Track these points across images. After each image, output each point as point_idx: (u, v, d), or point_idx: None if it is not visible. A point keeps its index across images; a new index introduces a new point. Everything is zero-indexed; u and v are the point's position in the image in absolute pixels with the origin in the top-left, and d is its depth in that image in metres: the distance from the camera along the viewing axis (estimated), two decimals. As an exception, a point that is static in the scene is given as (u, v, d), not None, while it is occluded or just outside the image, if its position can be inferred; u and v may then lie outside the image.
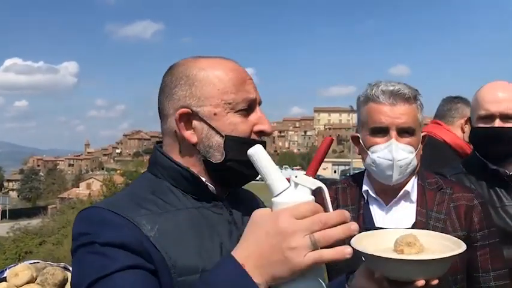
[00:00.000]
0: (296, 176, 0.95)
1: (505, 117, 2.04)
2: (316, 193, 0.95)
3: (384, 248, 1.23)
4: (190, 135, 1.20)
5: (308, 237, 0.85)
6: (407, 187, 1.82)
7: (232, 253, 0.90)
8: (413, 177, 1.84)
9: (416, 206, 1.80)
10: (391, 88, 1.75)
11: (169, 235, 1.08)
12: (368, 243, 1.24)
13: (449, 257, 1.11)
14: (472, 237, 1.75)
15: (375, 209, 1.85)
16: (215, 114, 1.19)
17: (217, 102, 1.19)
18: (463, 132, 3.14)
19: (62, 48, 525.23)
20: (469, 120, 3.10)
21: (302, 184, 0.94)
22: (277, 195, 0.93)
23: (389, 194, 1.83)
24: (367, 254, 1.14)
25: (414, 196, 1.81)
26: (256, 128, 1.24)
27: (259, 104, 1.28)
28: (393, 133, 1.74)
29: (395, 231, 1.33)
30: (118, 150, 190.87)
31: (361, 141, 1.85)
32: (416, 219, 1.75)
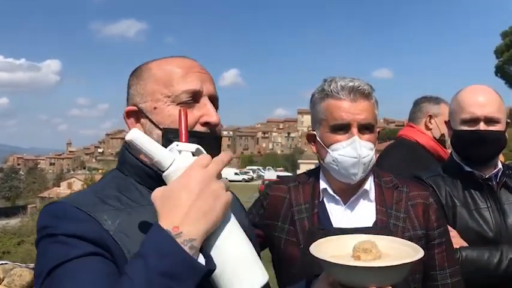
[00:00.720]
0: (177, 145, 1.05)
1: (489, 120, 2.04)
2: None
3: (344, 254, 1.23)
4: None
5: (221, 180, 1.02)
6: (366, 186, 1.78)
7: (160, 222, 0.95)
8: (370, 175, 1.81)
9: (376, 205, 1.76)
10: (351, 84, 1.70)
11: (130, 230, 1.10)
12: (328, 247, 1.25)
13: (401, 264, 1.09)
14: (430, 236, 1.74)
15: (332, 208, 1.79)
16: (155, 108, 1.22)
17: (157, 96, 1.23)
18: (429, 130, 3.19)
19: (44, 46, 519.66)
20: (432, 117, 3.14)
21: (185, 149, 1.05)
22: (169, 166, 1.02)
23: (347, 192, 1.76)
24: (321, 259, 1.15)
25: (372, 195, 1.77)
26: (202, 119, 1.23)
27: (212, 97, 1.28)
28: (355, 130, 1.69)
29: (356, 236, 1.32)
30: (100, 150, 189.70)
31: (318, 139, 1.79)
32: (376, 218, 1.71)
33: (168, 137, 1.20)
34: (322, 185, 1.81)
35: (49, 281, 0.97)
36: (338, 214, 1.76)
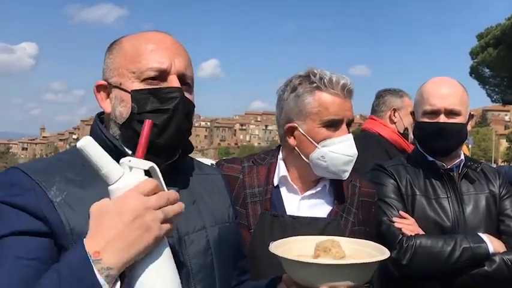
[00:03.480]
0: (130, 160, 0.98)
1: (449, 112, 2.07)
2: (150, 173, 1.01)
3: (307, 254, 1.20)
4: (106, 106, 1.25)
5: (160, 211, 0.96)
6: (325, 180, 1.79)
7: (85, 240, 0.93)
8: None
9: (333, 198, 1.78)
10: (343, 81, 1.68)
11: (76, 202, 1.09)
12: (295, 248, 1.23)
13: (349, 264, 1.07)
14: (366, 230, 1.81)
15: (288, 196, 1.77)
16: (120, 84, 1.21)
17: (123, 72, 1.21)
18: (394, 123, 3.25)
19: (20, 28, 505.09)
20: (396, 111, 3.21)
21: (136, 166, 0.98)
22: (115, 182, 0.96)
23: (306, 183, 1.79)
24: (275, 254, 1.14)
25: (331, 188, 1.80)
26: None
27: (182, 76, 1.23)
28: (345, 127, 1.69)
29: (321, 237, 1.29)
30: (75, 136, 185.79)
31: (303, 132, 1.72)
32: (332, 209, 1.75)
33: (137, 98, 1.18)
34: (283, 171, 1.79)
35: None
36: (293, 203, 1.76)
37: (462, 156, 2.20)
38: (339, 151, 1.67)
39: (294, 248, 1.24)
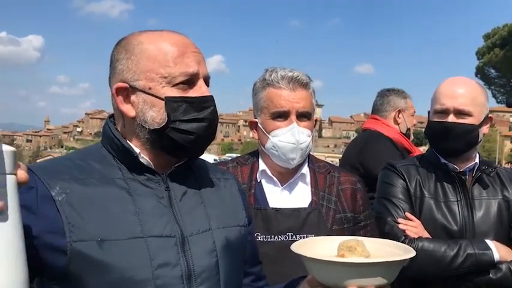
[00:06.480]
0: None
1: (458, 112, 2.02)
2: None
3: (330, 254, 1.17)
4: (128, 109, 1.23)
5: None
6: (303, 170, 1.90)
7: None
8: (306, 160, 1.92)
9: (311, 188, 1.88)
10: (290, 74, 1.83)
11: (78, 201, 1.12)
12: (311, 248, 1.21)
13: (382, 262, 1.06)
14: (357, 218, 1.89)
15: (269, 189, 1.88)
16: (150, 88, 1.20)
17: (152, 76, 1.20)
18: (397, 124, 3.25)
19: (26, 20, 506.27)
20: (401, 112, 3.23)
21: None
22: None
23: (285, 175, 1.89)
24: (299, 254, 1.12)
25: (308, 179, 1.90)
26: None
27: (207, 78, 1.27)
28: (293, 117, 1.81)
29: (341, 237, 1.26)
30: (79, 129, 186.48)
31: (260, 125, 1.90)
32: (312, 199, 1.84)
33: (172, 105, 1.20)
34: (262, 166, 1.92)
35: None
36: (275, 195, 1.88)
37: (477, 160, 2.13)
38: (285, 140, 1.81)
39: (314, 248, 1.20)
